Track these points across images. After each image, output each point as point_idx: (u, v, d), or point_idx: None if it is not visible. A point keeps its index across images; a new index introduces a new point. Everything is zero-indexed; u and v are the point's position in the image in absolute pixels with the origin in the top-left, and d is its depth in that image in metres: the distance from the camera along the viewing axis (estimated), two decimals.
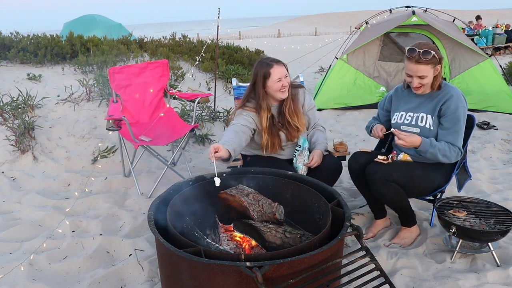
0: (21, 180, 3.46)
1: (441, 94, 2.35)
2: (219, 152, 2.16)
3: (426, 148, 2.27)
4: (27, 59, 6.16)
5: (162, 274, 1.95)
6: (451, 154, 2.29)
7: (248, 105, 2.62)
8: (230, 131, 2.47)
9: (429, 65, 2.24)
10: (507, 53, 13.18)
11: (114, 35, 9.43)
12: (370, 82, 6.16)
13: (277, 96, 2.57)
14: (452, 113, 2.30)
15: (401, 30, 6.20)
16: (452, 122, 2.30)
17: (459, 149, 2.31)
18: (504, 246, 2.40)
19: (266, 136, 2.59)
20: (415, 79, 2.30)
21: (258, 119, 2.59)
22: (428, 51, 2.21)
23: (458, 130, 2.31)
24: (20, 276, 2.19)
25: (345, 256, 1.81)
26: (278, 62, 2.56)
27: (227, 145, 2.27)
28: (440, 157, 2.28)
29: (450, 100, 2.31)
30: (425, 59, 2.21)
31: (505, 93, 5.73)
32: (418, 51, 2.21)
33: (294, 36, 27.63)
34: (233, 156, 2.31)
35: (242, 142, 2.47)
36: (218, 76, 7.19)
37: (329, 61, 7.09)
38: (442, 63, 2.30)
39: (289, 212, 2.26)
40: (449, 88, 2.36)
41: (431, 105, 2.37)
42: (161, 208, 2.01)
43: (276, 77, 2.51)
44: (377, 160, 2.42)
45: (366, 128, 2.80)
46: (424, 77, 2.28)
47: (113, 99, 3.44)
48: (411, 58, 2.24)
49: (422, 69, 2.24)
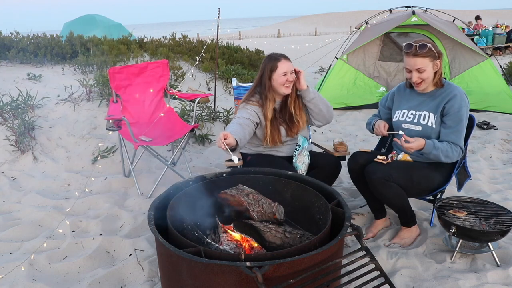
0: (21, 180, 3.46)
1: (445, 92, 2.37)
2: (228, 139, 2.18)
3: (429, 150, 2.29)
4: (27, 59, 6.16)
5: (162, 274, 1.95)
6: (453, 154, 2.31)
7: (252, 100, 2.65)
8: (234, 124, 2.50)
9: (426, 58, 2.27)
10: (507, 53, 13.18)
11: (114, 35, 9.42)
12: (370, 82, 6.16)
13: (281, 91, 2.60)
14: (455, 112, 2.32)
15: (401, 30, 6.20)
16: (455, 121, 2.32)
17: (460, 148, 2.33)
18: (504, 246, 2.40)
19: (269, 126, 2.62)
20: (414, 74, 2.33)
21: (262, 112, 2.62)
22: (424, 44, 2.26)
23: (460, 129, 2.33)
24: (20, 276, 2.19)
25: (345, 256, 1.82)
26: (286, 58, 2.62)
27: (233, 134, 2.30)
28: (443, 158, 2.31)
29: (453, 99, 2.33)
30: (422, 52, 2.25)
31: (505, 93, 5.74)
32: (415, 45, 2.27)
33: (294, 36, 27.65)
34: (240, 145, 2.34)
35: (246, 134, 2.49)
36: (218, 76, 7.18)
37: (329, 61, 7.09)
38: (441, 59, 2.33)
39: (289, 212, 2.26)
40: (453, 87, 2.38)
41: (434, 103, 2.39)
42: (161, 208, 2.01)
43: (282, 71, 2.56)
44: (376, 160, 2.43)
45: (367, 125, 2.80)
46: (422, 71, 2.30)
47: (113, 99, 3.44)
48: (408, 52, 2.29)
49: (419, 62, 2.28)
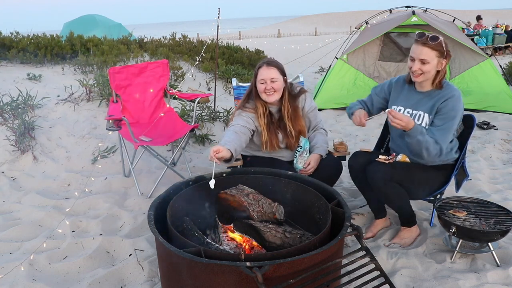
0: (21, 180, 3.46)
1: (442, 93, 2.32)
2: (220, 153, 2.15)
3: (415, 133, 2.20)
4: (27, 59, 6.15)
5: (162, 274, 1.95)
6: (433, 149, 2.24)
7: (247, 106, 2.62)
8: (230, 132, 2.47)
9: (434, 51, 2.22)
10: (507, 53, 13.18)
11: (114, 35, 9.42)
12: (370, 82, 6.16)
13: (263, 97, 2.55)
14: (447, 111, 2.28)
15: (401, 30, 6.20)
16: (444, 120, 2.28)
17: (440, 149, 2.26)
18: (504, 246, 2.40)
19: (265, 132, 2.59)
20: (417, 63, 2.26)
21: (257, 118, 2.59)
22: (437, 36, 2.22)
23: (447, 128, 2.27)
24: (20, 276, 2.19)
25: (345, 256, 1.82)
26: (269, 64, 2.52)
27: (228, 145, 2.28)
28: (424, 149, 2.23)
29: (450, 99, 2.28)
30: (432, 43, 2.21)
31: (505, 93, 5.73)
32: (427, 35, 2.23)
33: (294, 36, 27.63)
34: (234, 156, 2.32)
35: (242, 142, 2.47)
36: (218, 76, 7.18)
37: (329, 61, 7.09)
38: (448, 60, 2.28)
39: (289, 212, 2.26)
40: (451, 88, 2.33)
41: (430, 103, 2.35)
42: (161, 208, 2.01)
43: (260, 77, 2.51)
44: (378, 159, 2.41)
45: (348, 109, 2.68)
46: (426, 63, 2.24)
47: (113, 99, 3.44)
48: (418, 40, 2.25)
49: (425, 52, 2.22)
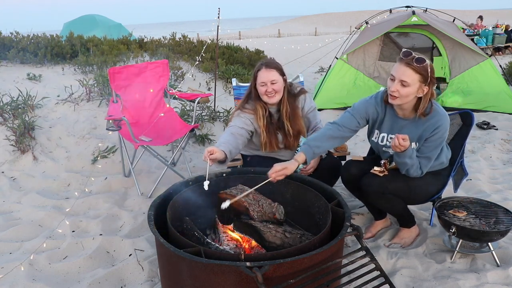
0: (21, 180, 3.46)
1: (430, 121, 2.18)
2: (214, 154, 2.16)
3: (405, 157, 2.15)
4: (27, 59, 6.15)
5: (162, 274, 1.96)
6: (413, 172, 2.23)
7: (246, 107, 2.61)
8: (227, 133, 2.46)
9: (417, 75, 2.05)
10: (507, 53, 13.18)
11: (114, 35, 9.41)
12: (370, 82, 6.16)
13: (264, 99, 2.54)
14: (435, 140, 2.20)
15: (401, 30, 6.20)
16: (430, 148, 2.22)
17: (422, 173, 2.25)
18: (504, 246, 2.41)
19: (264, 134, 2.58)
20: (396, 83, 2.09)
21: (256, 120, 2.58)
22: (423, 58, 2.05)
23: (431, 156, 2.24)
24: (20, 276, 2.20)
25: (345, 256, 1.82)
26: (268, 66, 2.49)
27: (223, 147, 2.27)
28: (405, 170, 2.22)
29: (439, 129, 2.17)
30: (416, 65, 2.04)
31: (505, 93, 5.73)
32: (413, 56, 2.07)
33: (294, 36, 27.60)
34: (229, 158, 2.31)
35: (239, 144, 2.46)
36: (218, 76, 7.18)
37: (329, 61, 7.09)
38: (431, 88, 2.10)
39: (289, 212, 2.26)
40: (439, 116, 2.17)
41: (417, 132, 2.22)
42: (161, 208, 2.02)
43: (260, 80, 2.49)
44: (373, 171, 2.33)
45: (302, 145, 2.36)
46: (406, 85, 2.07)
47: (113, 99, 3.44)
48: (402, 59, 2.09)
49: (408, 74, 2.05)
